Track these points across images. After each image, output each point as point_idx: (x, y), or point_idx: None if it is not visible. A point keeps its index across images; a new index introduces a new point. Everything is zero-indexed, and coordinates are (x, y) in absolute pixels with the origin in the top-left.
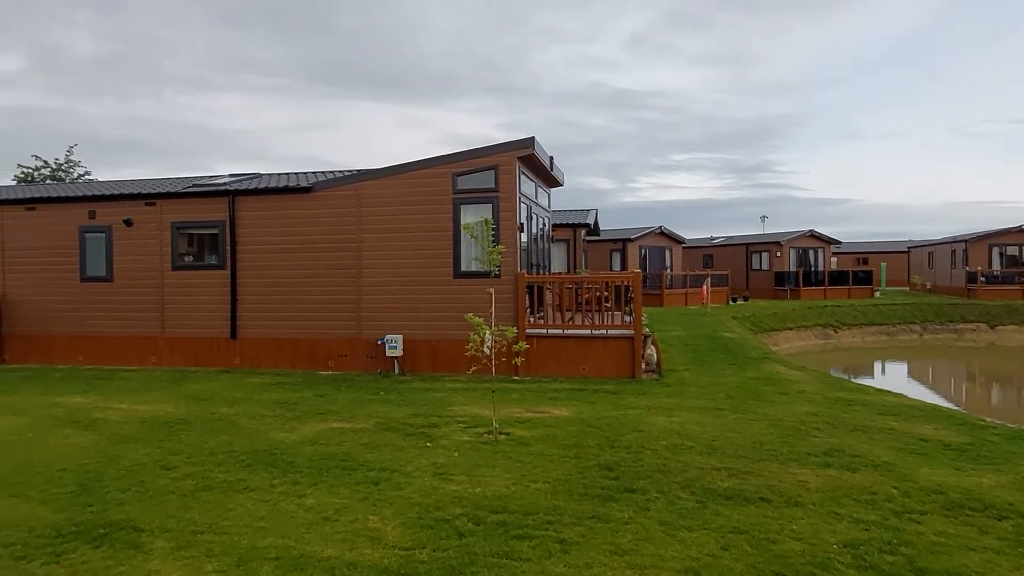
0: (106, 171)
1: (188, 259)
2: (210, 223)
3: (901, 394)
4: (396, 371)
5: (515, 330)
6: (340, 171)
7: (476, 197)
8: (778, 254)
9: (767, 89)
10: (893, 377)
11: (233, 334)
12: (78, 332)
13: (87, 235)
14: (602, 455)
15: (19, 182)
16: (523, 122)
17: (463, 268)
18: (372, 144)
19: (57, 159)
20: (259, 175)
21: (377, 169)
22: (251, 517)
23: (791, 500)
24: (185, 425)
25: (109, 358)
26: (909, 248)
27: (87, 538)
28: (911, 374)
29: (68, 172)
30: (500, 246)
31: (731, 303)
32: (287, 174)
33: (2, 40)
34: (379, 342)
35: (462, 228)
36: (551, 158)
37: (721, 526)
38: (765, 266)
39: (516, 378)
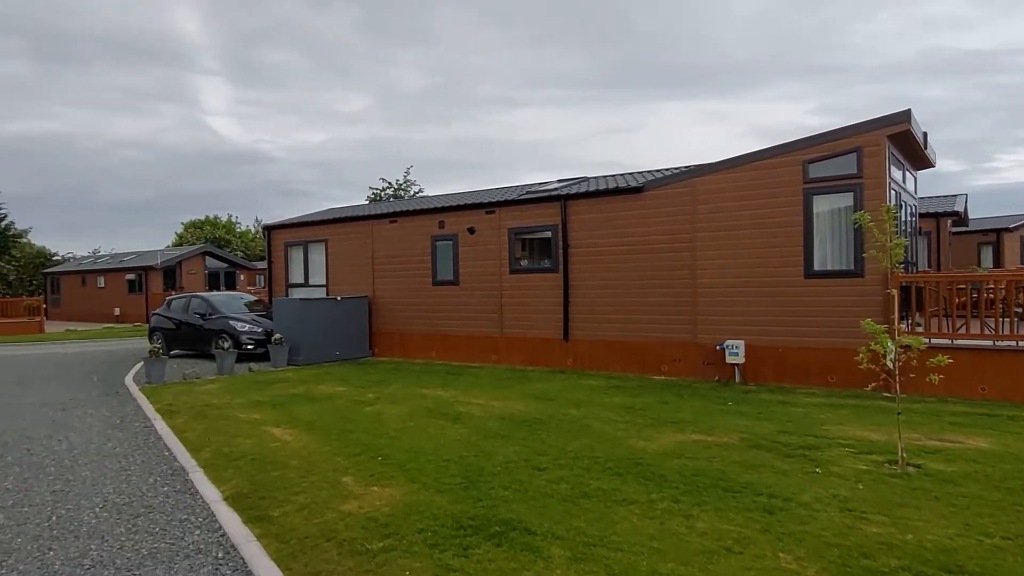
0: (433, 188)
1: (523, 263)
2: (543, 227)
3: None
4: (736, 379)
5: (924, 341)
6: (668, 169)
7: (833, 186)
8: None
9: None
10: None
11: (565, 335)
12: (431, 330)
13: (437, 243)
14: None
15: (370, 201)
16: (840, 104)
17: (816, 267)
18: (671, 144)
19: (398, 179)
20: (586, 178)
21: (712, 163)
22: (640, 535)
23: None
24: (541, 425)
25: (456, 355)
26: None
27: (486, 534)
28: None
29: (406, 190)
30: (902, 239)
31: None
32: (614, 176)
33: (354, 85)
34: (717, 347)
35: (855, 218)
36: (924, 134)
37: None
38: None
39: (888, 395)
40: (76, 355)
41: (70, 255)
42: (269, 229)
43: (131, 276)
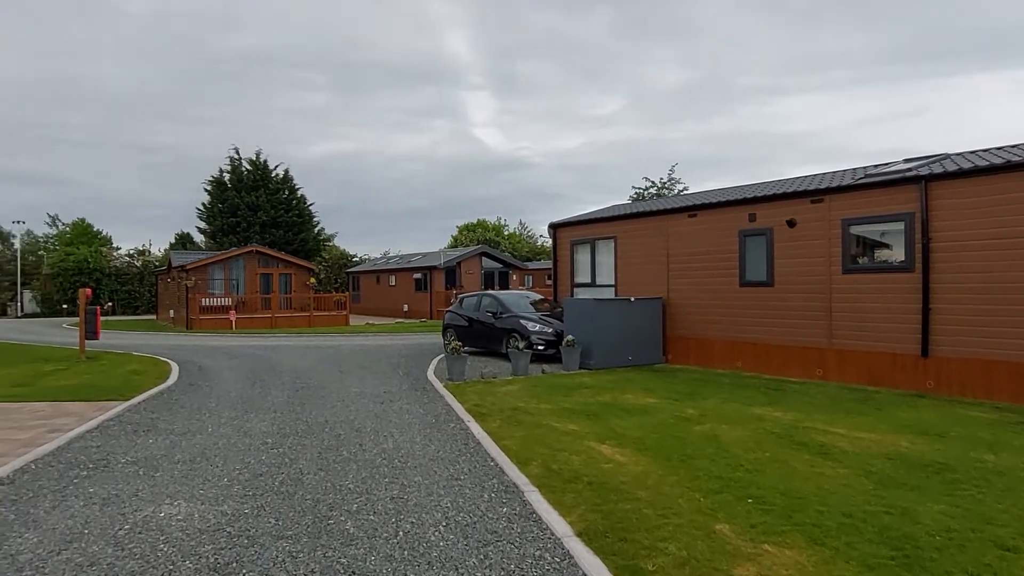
0: (693, 186)
1: (862, 260)
2: (891, 216)
3: None
4: None
5: None
6: None
7: None
8: None
9: None
10: None
11: (924, 351)
12: (736, 337)
13: (747, 238)
14: None
15: (633, 201)
16: None
17: None
18: (971, 124)
19: (661, 178)
20: (947, 155)
21: None
22: None
23: None
24: (953, 473)
25: (767, 366)
26: None
27: None
28: None
29: (670, 189)
30: None
31: None
32: (986, 151)
33: (609, 87)
34: None
35: None
36: None
37: None
38: None
39: None
40: (379, 348)
41: (366, 256)
42: (555, 227)
43: (418, 275)
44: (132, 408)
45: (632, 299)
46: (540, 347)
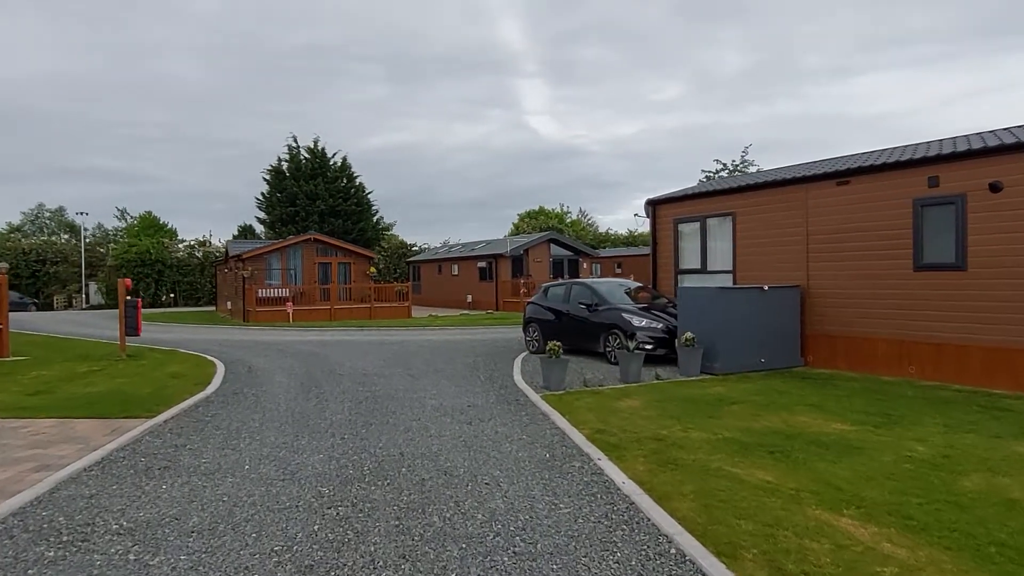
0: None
1: None
2: None
3: None
4: None
5: None
6: None
7: None
8: None
9: None
10: None
11: None
12: (907, 335)
13: (925, 209)
14: None
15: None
16: None
17: None
18: None
19: (733, 160)
20: None
21: None
22: None
23: None
24: None
25: (956, 374)
26: None
27: None
28: None
29: (743, 171)
30: None
31: None
32: None
33: (668, 72)
34: None
35: None
36: None
37: None
38: None
39: None
40: (449, 344)
41: (425, 245)
42: (654, 204)
43: (482, 264)
44: (154, 430)
45: (766, 287)
46: (648, 346)
